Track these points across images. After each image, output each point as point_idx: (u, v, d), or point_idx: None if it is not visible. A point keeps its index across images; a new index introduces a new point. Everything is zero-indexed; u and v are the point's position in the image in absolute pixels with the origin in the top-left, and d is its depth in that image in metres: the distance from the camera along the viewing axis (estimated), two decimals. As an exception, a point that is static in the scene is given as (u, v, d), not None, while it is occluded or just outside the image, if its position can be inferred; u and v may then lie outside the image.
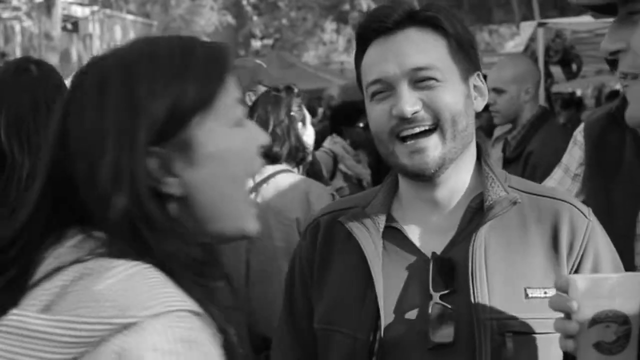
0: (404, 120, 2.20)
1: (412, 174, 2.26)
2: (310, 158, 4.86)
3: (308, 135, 4.56)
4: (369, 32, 2.30)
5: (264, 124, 4.41)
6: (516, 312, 2.18)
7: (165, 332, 1.42)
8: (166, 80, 1.59)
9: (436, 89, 2.20)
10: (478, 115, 2.40)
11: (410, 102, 2.18)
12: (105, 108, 1.57)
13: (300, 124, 4.50)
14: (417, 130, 2.20)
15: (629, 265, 3.85)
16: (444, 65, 2.23)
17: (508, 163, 6.02)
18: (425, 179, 2.25)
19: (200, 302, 1.51)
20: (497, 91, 6.04)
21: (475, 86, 2.33)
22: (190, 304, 1.49)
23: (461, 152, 2.27)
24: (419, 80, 2.21)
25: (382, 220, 2.34)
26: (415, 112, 2.19)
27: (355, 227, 2.33)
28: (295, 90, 4.72)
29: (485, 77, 2.40)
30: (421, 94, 2.21)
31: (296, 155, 4.50)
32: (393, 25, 2.26)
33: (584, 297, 1.74)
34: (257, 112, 4.49)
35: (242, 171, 1.70)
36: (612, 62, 1.88)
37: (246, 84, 6.04)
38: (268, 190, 4.37)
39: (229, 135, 1.65)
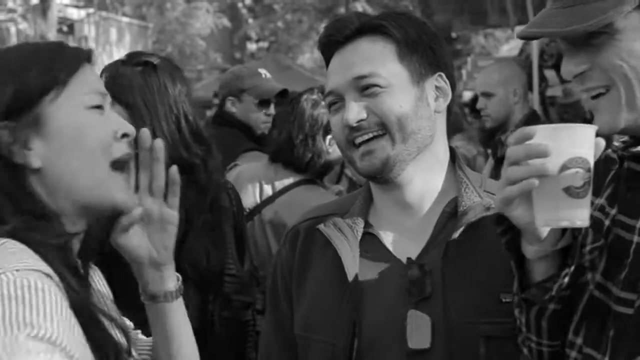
0: (353, 129, 2.27)
1: (365, 175, 2.34)
2: (333, 169, 4.79)
3: (335, 148, 4.33)
4: (326, 47, 2.39)
5: (292, 127, 4.36)
6: (490, 317, 2.21)
7: (10, 282, 1.63)
8: (10, 72, 1.90)
9: (380, 95, 2.26)
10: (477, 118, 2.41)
11: (354, 111, 2.26)
12: None
13: (330, 137, 4.38)
14: (367, 137, 2.27)
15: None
16: (389, 71, 2.29)
17: (501, 162, 6.06)
18: (380, 180, 2.31)
19: (52, 265, 1.75)
20: (486, 95, 6.12)
21: (437, 87, 2.36)
22: (40, 265, 1.71)
23: (418, 154, 2.30)
24: (363, 88, 2.28)
25: (359, 227, 2.37)
26: (361, 120, 2.26)
27: (333, 235, 2.36)
28: None
29: (452, 77, 2.41)
30: (367, 101, 2.27)
31: (311, 168, 4.42)
32: (344, 39, 2.34)
33: (558, 143, 1.80)
34: (293, 112, 4.41)
35: (96, 147, 1.93)
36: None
37: (229, 89, 6.08)
38: (282, 201, 4.37)
39: (81, 115, 1.92)
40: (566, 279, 1.89)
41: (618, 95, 1.88)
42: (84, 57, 2.01)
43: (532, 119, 6.06)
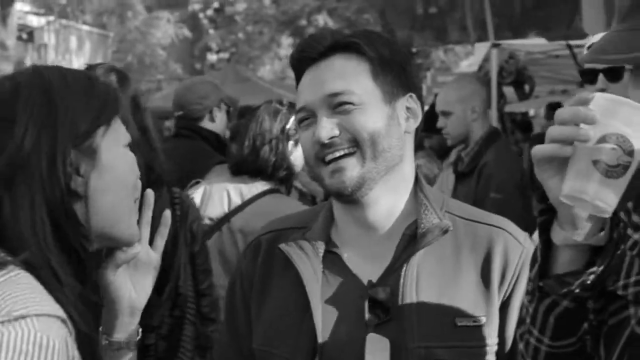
0: (324, 146, 2.25)
1: (333, 193, 2.32)
2: (295, 179, 4.80)
3: (296, 156, 4.45)
4: (298, 63, 2.38)
5: (255, 136, 4.38)
6: (445, 341, 2.21)
7: (30, 337, 1.60)
8: (74, 102, 1.91)
9: (353, 113, 2.25)
10: (429, 136, 2.43)
11: (327, 128, 2.25)
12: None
13: (292, 143, 4.44)
14: (338, 154, 2.25)
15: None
16: (363, 89, 2.28)
17: (462, 177, 6.12)
18: (348, 198, 2.29)
19: (63, 305, 1.71)
20: (445, 114, 6.16)
21: (407, 108, 2.35)
22: (52, 308, 1.68)
23: (386, 173, 2.29)
24: (336, 105, 2.26)
25: (321, 245, 2.35)
26: (333, 137, 2.25)
27: (294, 253, 2.35)
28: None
29: (421, 98, 2.41)
30: (339, 118, 2.26)
31: (277, 174, 4.43)
32: (318, 55, 2.32)
33: (603, 113, 1.70)
34: (254, 121, 4.43)
35: (131, 184, 2.01)
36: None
37: (217, 97, 6.06)
38: (252, 210, 4.37)
39: (122, 151, 2.00)
40: (591, 277, 1.77)
41: None
42: (121, 98, 2.08)
43: (492, 136, 6.12)
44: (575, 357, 1.95)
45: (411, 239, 2.31)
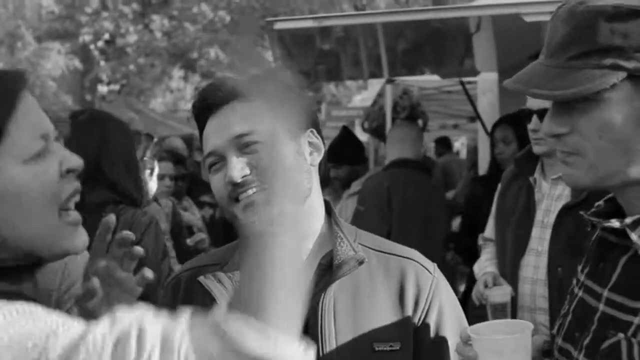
0: (237, 185, 2.34)
1: (242, 227, 2.36)
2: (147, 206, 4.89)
3: (151, 186, 4.62)
4: (201, 111, 2.46)
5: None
6: None
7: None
8: None
9: (261, 152, 2.33)
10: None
11: (237, 167, 2.34)
12: None
13: (148, 172, 4.55)
14: (251, 192, 2.34)
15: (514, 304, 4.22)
16: (267, 128, 2.32)
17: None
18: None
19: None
20: None
21: (310, 142, 2.46)
22: None
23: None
24: (244, 146, 2.36)
25: (238, 278, 2.39)
26: (245, 176, 2.34)
27: (213, 287, 2.42)
28: (155, 139, 4.82)
29: (321, 133, 2.52)
30: (248, 157, 2.36)
31: (136, 199, 4.45)
32: (220, 101, 2.41)
33: (483, 351, 2.10)
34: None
35: (43, 203, 1.69)
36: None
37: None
38: None
39: (21, 174, 1.65)
40: None
41: (588, 161, 1.90)
42: (22, 85, 1.72)
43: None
44: None
45: (327, 269, 2.42)
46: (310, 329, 2.32)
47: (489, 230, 5.16)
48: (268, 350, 1.43)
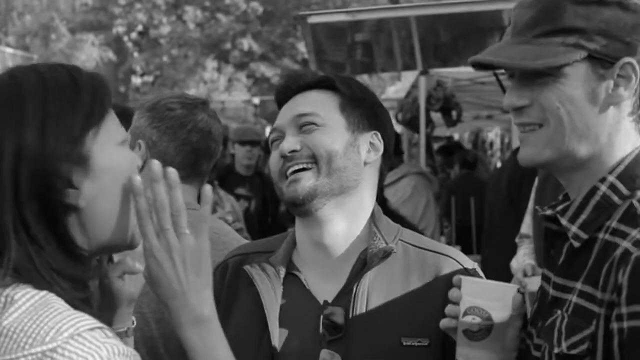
0: (286, 159, 2.44)
1: (288, 203, 2.49)
2: None
3: None
4: (281, 95, 2.61)
5: None
6: (390, 358, 2.36)
7: (99, 347, 1.60)
8: (57, 108, 1.79)
9: (315, 132, 2.45)
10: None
11: (290, 141, 2.45)
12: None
13: None
14: (297, 167, 2.43)
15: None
16: (328, 113, 2.49)
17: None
18: (301, 209, 2.45)
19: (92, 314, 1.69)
20: None
21: (371, 143, 2.53)
22: (93, 320, 1.66)
23: (340, 193, 2.46)
24: (302, 125, 2.47)
25: (282, 268, 2.50)
26: (294, 151, 2.44)
27: (256, 275, 2.49)
28: None
29: (387, 138, 2.59)
30: (303, 136, 2.46)
31: None
32: (296, 88, 2.56)
33: (464, 293, 2.22)
34: None
35: (129, 185, 1.87)
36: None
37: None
38: None
39: (117, 152, 1.87)
40: None
41: (547, 133, 2.01)
42: (109, 85, 1.93)
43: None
44: None
45: (364, 262, 2.46)
46: (346, 320, 2.38)
47: (526, 227, 5.15)
48: None
